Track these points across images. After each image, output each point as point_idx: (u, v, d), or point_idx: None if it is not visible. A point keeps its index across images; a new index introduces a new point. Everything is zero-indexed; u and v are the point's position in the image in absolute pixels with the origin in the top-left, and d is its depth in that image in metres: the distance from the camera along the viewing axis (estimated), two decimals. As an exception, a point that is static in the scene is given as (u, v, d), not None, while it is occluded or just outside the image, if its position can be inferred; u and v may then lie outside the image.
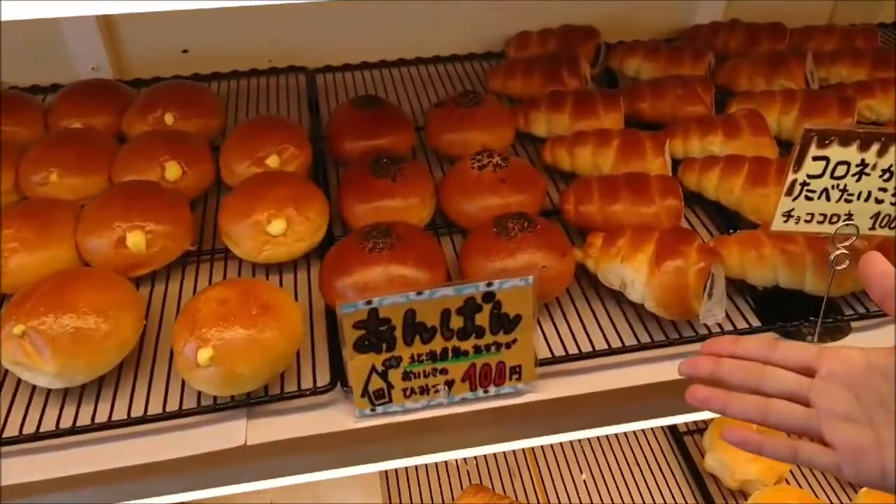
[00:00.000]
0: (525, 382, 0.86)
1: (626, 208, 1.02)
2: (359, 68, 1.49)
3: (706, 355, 0.71)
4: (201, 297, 0.85)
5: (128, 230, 0.96)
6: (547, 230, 0.95)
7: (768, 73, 1.32)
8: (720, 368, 0.69)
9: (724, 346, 0.71)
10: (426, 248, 0.94)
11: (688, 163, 1.14)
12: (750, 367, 0.68)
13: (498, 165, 1.05)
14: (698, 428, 1.60)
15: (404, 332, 0.79)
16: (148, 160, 1.08)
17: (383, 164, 1.05)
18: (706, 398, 0.68)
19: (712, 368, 0.70)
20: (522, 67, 1.34)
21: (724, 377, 0.69)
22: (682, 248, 0.91)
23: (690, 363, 0.71)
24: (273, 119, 1.19)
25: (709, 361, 0.70)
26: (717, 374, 0.69)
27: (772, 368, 0.67)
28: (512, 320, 0.81)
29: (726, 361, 0.69)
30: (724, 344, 0.71)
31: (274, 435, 0.83)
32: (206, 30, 1.43)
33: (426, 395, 0.85)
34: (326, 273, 0.93)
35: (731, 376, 0.68)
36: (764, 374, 0.67)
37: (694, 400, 0.69)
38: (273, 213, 0.98)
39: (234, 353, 0.80)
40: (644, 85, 1.30)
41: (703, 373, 0.70)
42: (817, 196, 0.86)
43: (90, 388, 0.86)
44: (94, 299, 0.84)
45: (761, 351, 0.69)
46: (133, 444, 0.82)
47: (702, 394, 0.69)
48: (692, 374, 0.71)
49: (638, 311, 0.96)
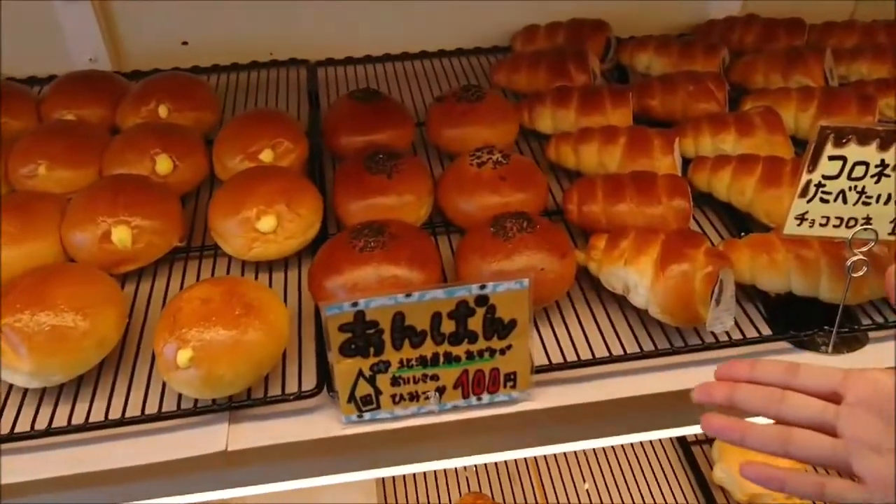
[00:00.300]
0: (520, 390, 0.82)
1: (632, 209, 0.98)
2: (361, 62, 1.46)
3: (721, 380, 0.66)
4: (183, 296, 0.82)
5: (113, 225, 0.93)
6: (547, 231, 0.91)
7: (785, 69, 1.27)
8: (736, 394, 0.64)
9: (741, 370, 0.66)
10: (420, 247, 0.90)
11: (698, 162, 1.09)
12: (769, 392, 0.63)
13: (498, 162, 1.01)
14: (707, 438, 1.54)
15: (393, 335, 0.76)
16: (138, 153, 1.05)
17: (379, 159, 1.01)
18: (722, 427, 0.64)
19: (728, 394, 0.65)
20: (528, 61, 1.30)
21: (741, 404, 0.64)
22: (689, 251, 0.87)
23: (704, 389, 0.66)
24: (268, 112, 1.16)
25: (724, 387, 0.65)
26: (734, 400, 0.64)
27: (793, 394, 0.63)
28: (506, 325, 0.77)
29: (743, 387, 0.65)
30: (739, 368, 0.66)
31: (256, 440, 0.80)
32: (206, 21, 1.41)
33: (416, 402, 0.81)
34: (316, 272, 0.89)
35: (748, 403, 0.64)
36: (785, 401, 0.62)
37: (709, 429, 0.64)
38: (263, 208, 0.94)
39: (214, 355, 0.77)
40: (654, 80, 1.25)
41: (718, 399, 0.65)
42: (833, 198, 0.81)
43: (69, 388, 0.84)
44: (73, 296, 0.82)
45: (781, 375, 0.64)
46: (110, 448, 0.79)
47: (717, 423, 0.64)
48: (706, 400, 0.66)
49: (641, 318, 0.92)
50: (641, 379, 0.86)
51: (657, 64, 1.35)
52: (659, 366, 0.87)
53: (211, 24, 1.41)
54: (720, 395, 0.65)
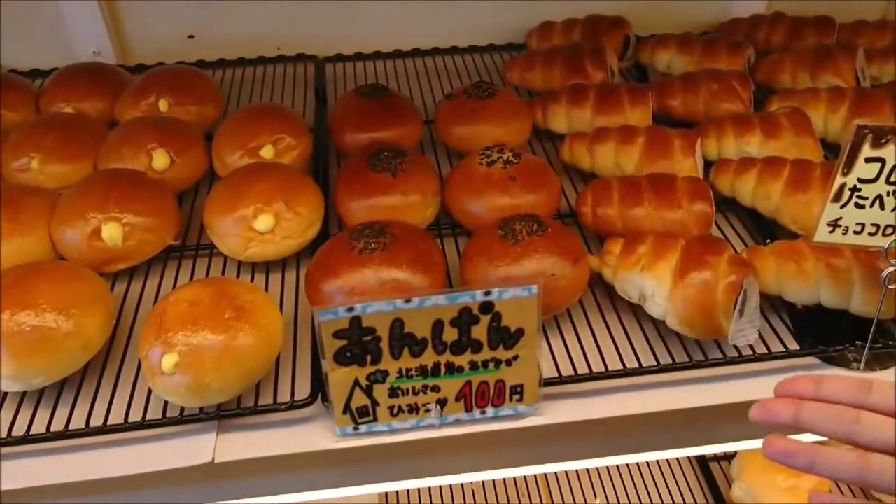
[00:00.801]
0: (527, 404, 0.77)
1: (650, 212, 0.92)
2: (371, 58, 1.42)
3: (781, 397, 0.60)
4: (171, 298, 0.77)
5: (104, 221, 0.89)
6: (559, 234, 0.86)
7: (814, 68, 1.20)
8: (803, 413, 0.58)
9: (805, 386, 0.59)
10: (423, 250, 0.85)
11: (721, 164, 1.03)
12: (841, 412, 0.57)
13: (509, 162, 0.96)
14: (725, 454, 1.48)
15: (391, 343, 0.71)
16: (134, 147, 1.01)
17: (384, 157, 0.97)
18: (788, 451, 0.57)
19: (794, 413, 0.58)
20: (543, 58, 1.24)
21: (808, 424, 0.57)
22: (710, 258, 0.81)
23: (764, 407, 0.60)
24: (270, 107, 1.11)
25: (789, 405, 0.59)
26: (800, 419, 0.58)
27: (868, 414, 0.56)
28: (513, 334, 0.72)
29: (809, 405, 0.58)
30: (804, 383, 0.60)
31: (245, 452, 0.75)
32: (212, 15, 1.37)
33: (415, 415, 0.76)
34: (313, 274, 0.85)
35: (817, 423, 0.57)
36: (860, 422, 0.56)
37: (772, 453, 0.58)
38: (260, 207, 0.90)
39: (201, 361, 0.73)
40: (675, 79, 1.19)
41: (782, 418, 0.58)
42: (869, 203, 0.75)
43: (51, 392, 0.80)
44: (56, 295, 0.78)
45: (852, 393, 0.58)
46: (91, 457, 0.75)
47: (782, 446, 0.57)
48: (768, 419, 0.59)
49: (658, 329, 0.86)
50: (658, 394, 0.80)
51: (678, 63, 1.29)
52: (677, 381, 0.81)
53: (217, 17, 1.37)
54: (785, 414, 0.58)
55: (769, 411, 0.59)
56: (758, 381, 0.82)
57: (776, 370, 0.83)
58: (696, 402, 0.79)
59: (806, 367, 0.84)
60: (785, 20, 1.37)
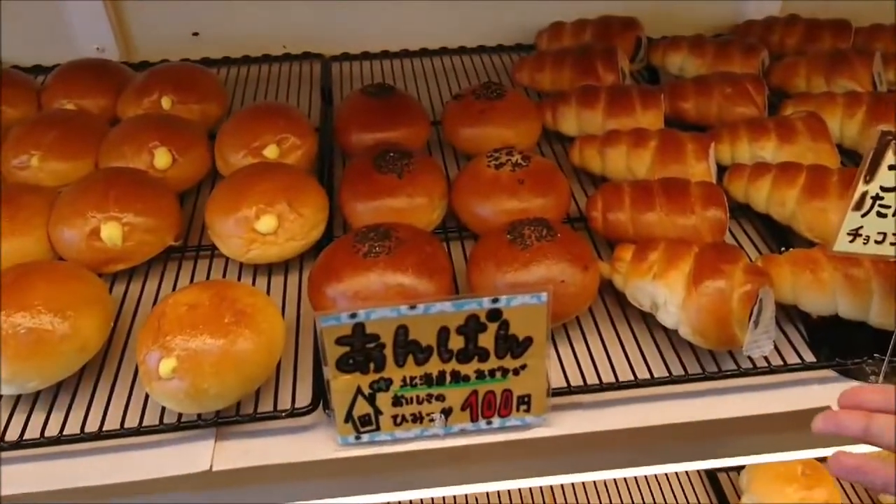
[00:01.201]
0: (535, 415, 0.75)
1: (662, 218, 0.90)
2: (378, 57, 1.40)
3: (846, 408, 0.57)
4: (170, 300, 0.75)
5: (103, 221, 0.87)
6: (569, 240, 0.84)
7: (829, 72, 1.18)
8: (873, 426, 0.55)
9: (873, 398, 0.57)
10: (429, 254, 0.83)
11: (735, 169, 1.01)
12: None
13: (517, 164, 0.94)
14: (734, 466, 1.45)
15: (395, 350, 0.69)
16: (136, 146, 0.99)
17: (389, 158, 0.95)
18: (859, 468, 0.55)
19: (864, 426, 0.56)
20: (552, 59, 1.22)
21: (878, 438, 0.55)
22: (725, 266, 0.79)
23: (831, 419, 0.57)
24: (274, 106, 1.09)
25: (859, 417, 0.56)
26: (869, 433, 0.55)
27: None
28: (521, 343, 0.70)
29: (879, 417, 0.55)
30: (871, 394, 0.57)
31: (244, 461, 0.73)
32: (217, 12, 1.36)
33: (419, 424, 0.74)
34: (316, 277, 0.82)
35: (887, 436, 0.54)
36: None
37: (841, 470, 0.55)
38: (262, 207, 0.88)
39: (200, 366, 0.71)
40: (688, 82, 1.17)
41: (851, 431, 0.56)
42: (892, 212, 0.72)
43: (46, 395, 0.78)
44: (52, 297, 0.76)
45: None
46: (85, 463, 0.73)
47: (852, 462, 0.55)
48: (836, 432, 0.57)
49: (671, 338, 0.84)
50: (669, 406, 0.78)
51: (691, 65, 1.27)
52: (689, 392, 0.79)
53: (222, 14, 1.36)
54: (854, 427, 0.56)
55: (837, 424, 0.57)
56: (773, 394, 0.79)
57: (792, 382, 0.80)
58: (710, 415, 0.77)
59: (821, 380, 0.81)
60: (800, 22, 1.34)
